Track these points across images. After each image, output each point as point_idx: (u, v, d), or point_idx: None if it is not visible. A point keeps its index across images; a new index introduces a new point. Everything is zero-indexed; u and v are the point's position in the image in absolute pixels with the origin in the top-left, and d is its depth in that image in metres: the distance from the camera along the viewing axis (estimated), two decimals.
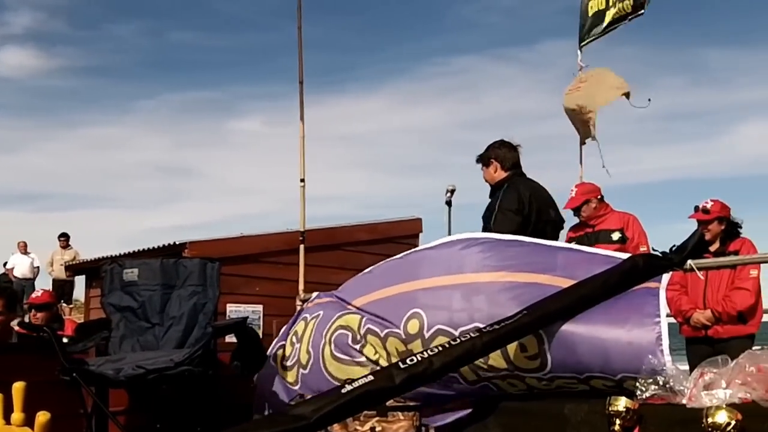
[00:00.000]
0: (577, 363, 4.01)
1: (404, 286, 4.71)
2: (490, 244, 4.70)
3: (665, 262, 4.22)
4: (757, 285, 6.35)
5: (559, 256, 4.54)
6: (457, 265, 4.61)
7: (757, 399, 3.34)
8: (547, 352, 4.07)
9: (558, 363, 4.05)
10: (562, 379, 4.08)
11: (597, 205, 6.85)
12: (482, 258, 4.58)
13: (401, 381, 3.57)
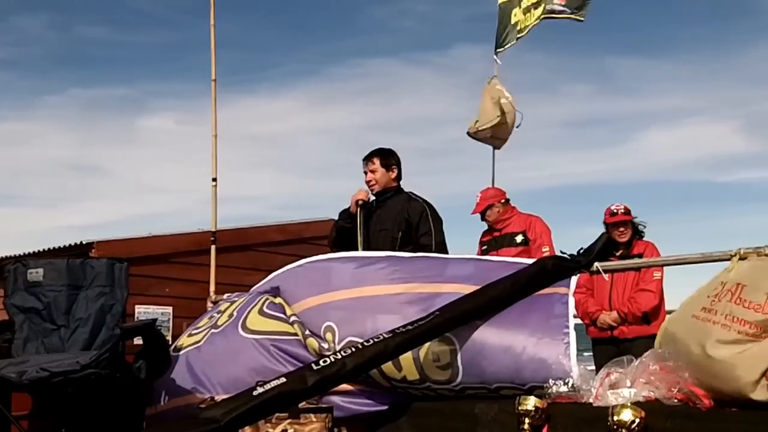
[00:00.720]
0: (487, 373, 4.07)
1: (318, 298, 4.71)
2: (395, 260, 4.80)
3: (573, 265, 4.32)
4: (660, 287, 6.56)
5: (469, 266, 4.62)
6: (364, 278, 4.66)
7: (660, 397, 3.44)
8: (459, 363, 4.11)
9: (469, 373, 4.10)
10: (472, 389, 4.13)
11: (501, 210, 6.95)
12: (390, 272, 4.64)
13: (314, 383, 3.55)
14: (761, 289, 3.33)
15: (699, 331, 3.45)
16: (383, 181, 5.99)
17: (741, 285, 3.42)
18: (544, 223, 6.93)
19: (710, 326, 3.39)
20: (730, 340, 3.29)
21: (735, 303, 3.37)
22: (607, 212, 6.69)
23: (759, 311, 3.27)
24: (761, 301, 3.28)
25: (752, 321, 3.27)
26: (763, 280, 3.38)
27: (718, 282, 3.57)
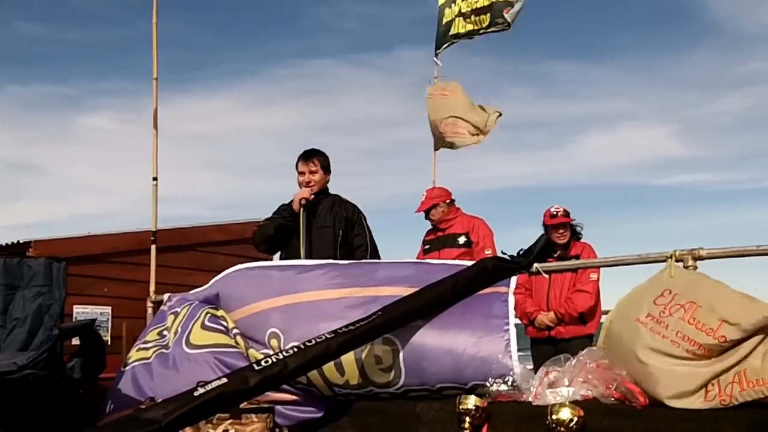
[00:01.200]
0: (429, 374, 4.11)
1: (262, 304, 4.70)
2: (334, 265, 4.84)
3: (513, 265, 4.39)
4: (596, 287, 6.67)
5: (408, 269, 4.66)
6: (305, 284, 4.67)
7: (597, 395, 3.52)
8: (401, 364, 4.15)
9: (411, 375, 4.14)
10: (414, 391, 4.16)
11: (446, 209, 7.00)
12: (330, 277, 4.67)
13: (256, 383, 3.54)
14: (716, 313, 3.40)
15: (644, 338, 3.52)
16: (321, 183, 6.02)
17: (695, 304, 3.49)
18: (486, 226, 7.00)
19: (659, 339, 3.47)
20: (678, 356, 3.38)
21: (688, 322, 3.43)
22: (547, 214, 6.78)
23: (710, 335, 3.35)
24: (714, 326, 3.36)
25: (702, 343, 3.35)
26: (717, 303, 3.45)
27: (664, 288, 3.64)
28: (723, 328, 3.33)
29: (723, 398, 3.25)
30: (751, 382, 3.20)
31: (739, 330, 3.30)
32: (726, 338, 3.31)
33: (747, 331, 3.29)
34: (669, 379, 3.36)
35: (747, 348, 3.30)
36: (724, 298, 3.50)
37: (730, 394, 3.24)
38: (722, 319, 3.35)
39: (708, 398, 3.29)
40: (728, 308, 3.40)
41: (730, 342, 3.31)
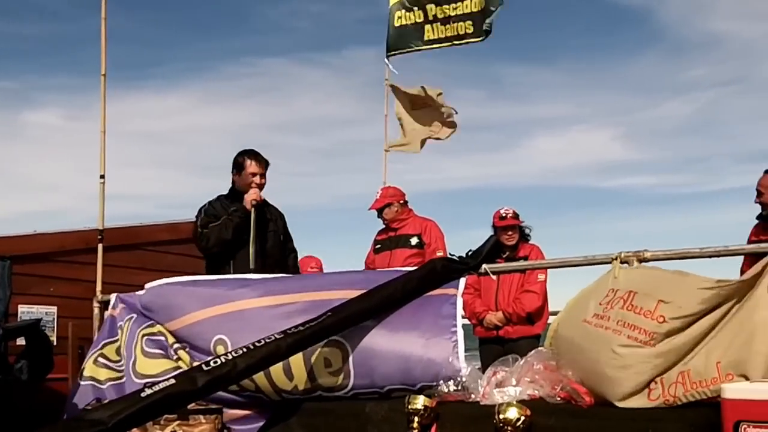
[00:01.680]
0: (378, 376, 4.13)
1: (206, 312, 4.67)
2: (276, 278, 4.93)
3: (462, 266, 4.42)
4: (544, 288, 6.77)
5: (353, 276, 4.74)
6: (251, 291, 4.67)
7: (544, 395, 3.57)
8: (351, 367, 4.16)
9: (360, 376, 4.16)
10: (364, 394, 4.18)
11: (399, 209, 7.04)
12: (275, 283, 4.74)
13: (204, 383, 3.52)
14: (652, 296, 3.47)
15: (590, 337, 3.58)
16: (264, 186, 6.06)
17: (632, 292, 3.56)
18: (438, 228, 7.08)
19: (602, 332, 3.53)
20: (622, 344, 3.43)
21: (627, 309, 3.51)
22: (497, 215, 6.85)
23: (649, 317, 3.41)
24: (652, 308, 3.43)
25: (642, 327, 3.41)
26: (653, 287, 3.53)
27: (608, 289, 3.71)
28: (660, 308, 3.39)
29: (667, 398, 3.32)
30: (695, 383, 3.27)
31: (675, 306, 3.38)
32: (664, 317, 3.37)
33: (683, 306, 3.37)
34: (615, 379, 3.42)
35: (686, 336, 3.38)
36: (658, 279, 3.58)
37: (674, 394, 3.31)
38: (659, 300, 3.42)
39: (652, 397, 3.36)
40: (663, 288, 3.48)
41: (670, 320, 3.37)
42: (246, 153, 6.02)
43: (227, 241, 5.76)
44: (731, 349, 3.26)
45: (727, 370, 3.22)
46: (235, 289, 4.72)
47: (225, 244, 5.77)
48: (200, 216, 5.88)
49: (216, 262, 5.84)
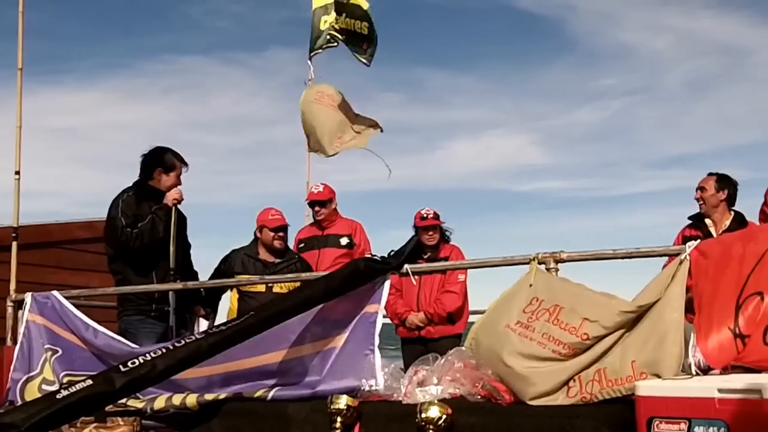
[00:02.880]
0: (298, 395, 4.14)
1: None
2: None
3: (384, 266, 4.44)
4: (464, 288, 6.83)
5: None
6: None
7: (465, 394, 3.62)
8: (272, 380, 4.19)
9: (280, 396, 4.17)
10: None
11: (334, 207, 7.08)
12: None
13: (122, 384, 3.46)
14: (578, 312, 3.58)
15: (513, 342, 3.65)
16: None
17: (559, 306, 3.66)
18: (365, 230, 7.13)
19: (527, 342, 3.61)
20: (544, 357, 3.54)
21: (553, 323, 3.61)
22: (418, 216, 6.89)
23: (574, 333, 3.53)
24: (576, 325, 3.54)
25: (567, 342, 3.52)
26: (579, 303, 3.64)
27: (532, 297, 3.78)
28: (585, 326, 3.51)
29: (584, 395, 3.40)
30: (611, 381, 3.36)
31: (599, 326, 3.50)
32: (588, 335, 3.48)
33: (607, 327, 3.49)
34: (534, 379, 3.49)
35: (604, 345, 3.48)
36: (584, 298, 3.68)
37: (591, 392, 3.39)
38: (584, 318, 3.52)
39: (570, 395, 3.44)
40: (588, 307, 3.58)
41: (593, 339, 3.49)
42: (176, 155, 5.94)
43: (159, 240, 5.68)
44: (645, 348, 3.37)
45: (642, 369, 3.33)
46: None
47: (157, 243, 5.69)
48: (121, 216, 5.74)
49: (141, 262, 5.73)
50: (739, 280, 3.32)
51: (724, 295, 3.34)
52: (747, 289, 3.27)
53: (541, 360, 3.52)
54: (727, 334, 3.25)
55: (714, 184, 6.24)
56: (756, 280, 3.28)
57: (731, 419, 2.55)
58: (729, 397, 2.58)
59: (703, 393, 2.66)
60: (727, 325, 3.26)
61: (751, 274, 3.32)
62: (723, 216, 6.26)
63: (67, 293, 5.38)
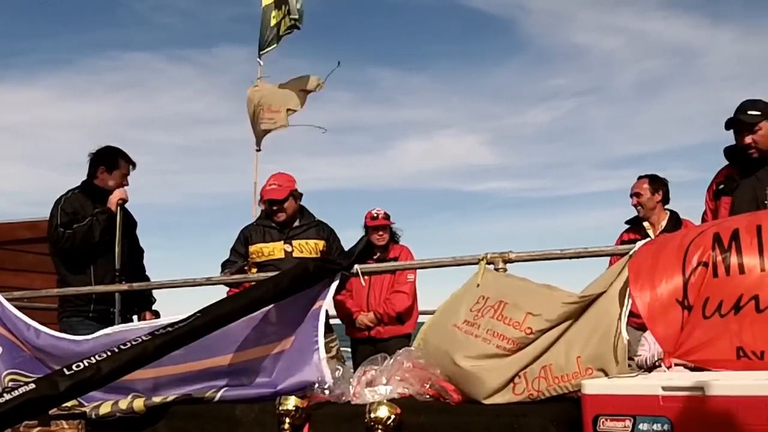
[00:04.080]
0: (246, 395, 4.12)
1: None
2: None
3: (334, 266, 4.43)
4: (413, 288, 6.87)
5: None
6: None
7: (414, 393, 3.62)
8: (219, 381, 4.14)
9: (229, 396, 4.15)
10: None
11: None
12: None
13: (66, 388, 3.39)
14: (521, 307, 3.60)
15: (459, 341, 3.67)
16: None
17: (503, 302, 3.68)
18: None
19: (472, 339, 3.63)
20: (490, 353, 3.55)
21: (497, 319, 3.63)
22: (368, 216, 6.90)
23: (518, 328, 3.54)
24: (520, 319, 3.56)
25: (511, 337, 3.53)
26: (522, 297, 3.67)
27: (479, 295, 3.80)
28: (528, 320, 3.53)
29: (531, 393, 3.43)
30: (557, 378, 3.40)
31: (543, 320, 3.51)
32: (532, 329, 3.51)
33: (550, 320, 3.51)
34: (481, 376, 3.51)
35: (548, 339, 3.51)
36: (527, 291, 3.72)
37: (538, 388, 3.42)
38: (527, 312, 3.55)
39: (516, 392, 3.47)
40: (531, 301, 3.61)
41: (537, 333, 3.51)
42: (120, 153, 5.86)
43: (93, 244, 5.58)
44: (590, 344, 3.41)
45: (587, 365, 3.37)
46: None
47: (91, 246, 5.59)
48: (58, 214, 5.64)
49: (78, 262, 5.64)
50: (680, 251, 3.36)
51: (665, 266, 3.37)
52: (689, 260, 3.31)
53: (487, 357, 3.54)
54: (673, 303, 3.28)
55: (648, 188, 6.41)
56: (695, 250, 3.32)
57: (674, 416, 2.59)
58: (672, 395, 2.62)
59: (647, 391, 2.69)
60: (675, 294, 3.29)
61: (691, 245, 3.35)
62: (660, 217, 6.45)
63: (8, 295, 5.27)
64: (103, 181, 5.78)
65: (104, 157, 5.82)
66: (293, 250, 5.99)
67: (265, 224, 6.16)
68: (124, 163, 5.83)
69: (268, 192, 6.15)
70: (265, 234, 6.09)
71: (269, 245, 6.04)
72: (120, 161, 5.81)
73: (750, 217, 3.43)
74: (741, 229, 3.27)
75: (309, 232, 6.13)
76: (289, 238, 6.05)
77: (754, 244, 3.19)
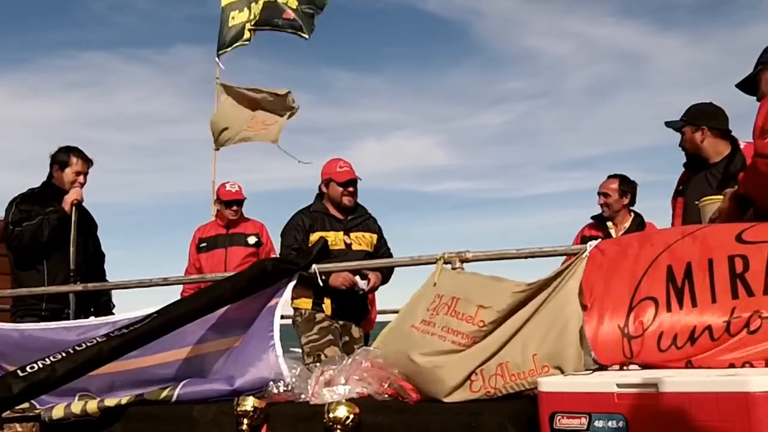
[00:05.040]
0: (203, 391, 4.07)
1: None
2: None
3: (292, 266, 4.43)
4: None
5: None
6: None
7: (372, 393, 3.63)
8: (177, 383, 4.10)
9: (186, 393, 4.08)
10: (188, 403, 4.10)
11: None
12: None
13: (20, 390, 3.36)
14: (472, 301, 3.62)
15: (416, 341, 3.68)
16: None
17: (456, 298, 3.70)
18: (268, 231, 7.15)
19: (428, 338, 3.64)
20: (445, 350, 3.56)
21: (451, 315, 3.65)
22: None
23: (470, 322, 3.56)
24: (473, 313, 3.58)
25: (465, 332, 3.55)
26: (472, 291, 3.69)
27: (435, 294, 3.83)
28: (480, 313, 3.55)
29: (488, 390, 3.45)
30: (513, 375, 3.42)
31: (494, 311, 3.53)
32: (484, 322, 3.53)
33: (501, 311, 3.53)
34: (438, 374, 3.53)
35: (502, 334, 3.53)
36: (476, 285, 3.74)
37: (495, 386, 3.45)
38: (479, 305, 3.58)
39: (473, 389, 3.49)
40: (481, 294, 3.64)
41: (489, 325, 3.53)
42: (71, 150, 5.82)
43: (42, 243, 5.52)
44: (545, 341, 3.44)
45: (543, 362, 3.40)
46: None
47: (39, 245, 5.53)
48: (11, 212, 5.60)
49: (27, 260, 5.59)
50: (632, 281, 3.41)
51: (616, 294, 3.41)
52: (640, 292, 3.36)
53: (443, 354, 3.56)
54: (616, 333, 3.32)
55: (617, 189, 6.47)
56: (648, 284, 3.36)
57: (629, 413, 2.62)
58: (627, 392, 2.66)
59: (602, 388, 2.73)
60: (618, 324, 3.33)
61: (644, 277, 3.40)
62: (624, 218, 6.51)
63: None
64: (59, 180, 5.75)
65: (56, 155, 5.79)
66: (352, 243, 5.79)
67: (322, 211, 5.89)
68: (76, 159, 5.78)
69: (343, 174, 5.86)
70: (325, 222, 5.81)
71: (331, 234, 5.74)
72: (71, 158, 5.77)
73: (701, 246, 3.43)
74: (693, 265, 3.30)
75: (365, 224, 5.94)
76: (348, 229, 5.84)
77: (706, 282, 3.23)
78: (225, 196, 7.04)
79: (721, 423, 2.46)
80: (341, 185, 5.79)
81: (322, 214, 5.83)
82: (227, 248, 6.89)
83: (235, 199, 7.04)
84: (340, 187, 5.79)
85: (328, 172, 5.88)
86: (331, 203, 5.86)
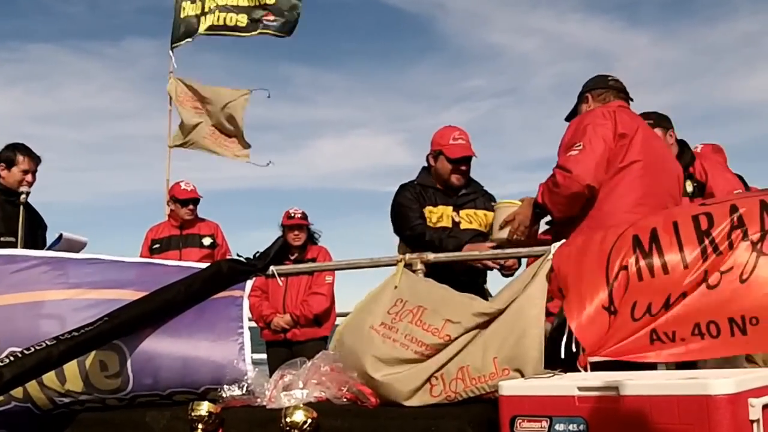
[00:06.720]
0: (159, 379, 3.94)
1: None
2: (61, 262, 4.44)
3: (249, 268, 4.35)
4: (331, 290, 6.83)
5: (134, 271, 4.43)
6: (25, 282, 4.29)
7: (330, 397, 3.58)
8: (129, 370, 3.95)
9: (140, 381, 3.94)
10: (144, 397, 3.99)
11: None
12: (55, 275, 4.31)
13: None
14: (440, 314, 3.59)
15: (376, 345, 3.64)
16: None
17: (422, 308, 3.67)
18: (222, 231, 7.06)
19: (389, 342, 3.60)
20: (407, 358, 3.54)
21: (416, 325, 3.61)
22: (285, 215, 6.85)
23: (436, 335, 3.53)
24: (439, 326, 3.55)
25: (429, 343, 3.53)
26: (441, 305, 3.65)
27: (397, 298, 3.78)
28: (447, 327, 3.53)
29: (448, 394, 3.43)
30: (474, 379, 3.40)
31: (461, 327, 3.52)
32: (450, 336, 3.51)
33: (468, 327, 3.52)
34: (396, 387, 3.50)
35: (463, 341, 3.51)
36: (446, 300, 3.71)
37: (455, 390, 3.42)
38: (446, 319, 3.55)
39: (434, 393, 3.46)
40: (450, 309, 3.62)
41: (455, 340, 3.52)
42: (17, 148, 5.70)
43: None
44: (506, 345, 3.42)
45: (503, 366, 3.38)
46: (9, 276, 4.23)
47: None
48: None
49: None
50: (602, 255, 3.40)
51: (589, 273, 3.40)
52: (612, 266, 3.35)
53: (404, 362, 3.53)
54: (599, 310, 3.31)
55: None
56: (617, 255, 3.36)
57: (590, 416, 2.60)
58: (588, 395, 2.64)
59: (563, 391, 2.71)
60: (601, 301, 3.32)
61: (612, 249, 3.39)
62: None
63: None
64: (7, 180, 5.63)
65: (2, 153, 5.68)
66: (461, 221, 4.93)
67: (426, 184, 5.03)
68: (23, 157, 5.67)
69: (457, 148, 4.94)
70: (434, 196, 4.99)
71: (438, 209, 4.93)
72: (18, 156, 5.66)
73: (665, 213, 3.48)
74: (659, 229, 3.32)
75: (478, 201, 5.05)
76: (458, 205, 4.98)
77: (674, 243, 3.25)
78: (181, 195, 6.91)
79: (682, 426, 2.45)
80: (452, 162, 4.93)
81: (425, 186, 5.03)
82: (181, 250, 6.77)
83: (191, 197, 6.92)
84: (450, 164, 4.92)
85: (440, 143, 4.98)
86: (437, 179, 5.02)
